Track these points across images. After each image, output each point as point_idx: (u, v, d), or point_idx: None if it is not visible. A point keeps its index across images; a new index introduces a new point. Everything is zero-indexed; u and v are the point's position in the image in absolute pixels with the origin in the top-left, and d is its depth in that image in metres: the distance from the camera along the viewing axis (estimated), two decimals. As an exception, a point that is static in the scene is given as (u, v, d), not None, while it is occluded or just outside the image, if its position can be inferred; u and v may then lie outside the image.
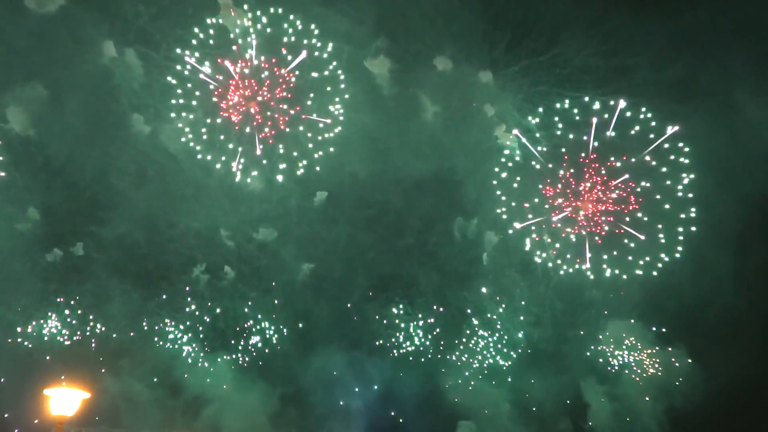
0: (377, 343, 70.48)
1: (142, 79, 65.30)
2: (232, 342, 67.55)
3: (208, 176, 67.01)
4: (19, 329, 61.15)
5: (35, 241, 62.50)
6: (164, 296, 66.12)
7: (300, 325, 69.39)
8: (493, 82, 68.18)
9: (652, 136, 62.41)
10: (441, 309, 71.33)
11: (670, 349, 65.54)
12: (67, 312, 63.02)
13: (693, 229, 60.74)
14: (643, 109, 62.12)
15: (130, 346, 63.94)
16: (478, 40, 67.10)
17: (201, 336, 66.43)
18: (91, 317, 63.48)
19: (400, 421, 68.12)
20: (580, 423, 68.96)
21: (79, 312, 63.31)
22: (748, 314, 59.61)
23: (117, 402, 58.76)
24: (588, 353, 69.36)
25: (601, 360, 68.82)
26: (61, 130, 63.18)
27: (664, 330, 65.68)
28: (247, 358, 67.53)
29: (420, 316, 70.90)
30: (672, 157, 61.98)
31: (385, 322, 70.77)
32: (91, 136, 64.01)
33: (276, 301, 69.23)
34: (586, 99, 64.24)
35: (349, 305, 71.14)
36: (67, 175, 64.04)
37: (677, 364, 65.21)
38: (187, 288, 66.92)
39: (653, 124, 62.05)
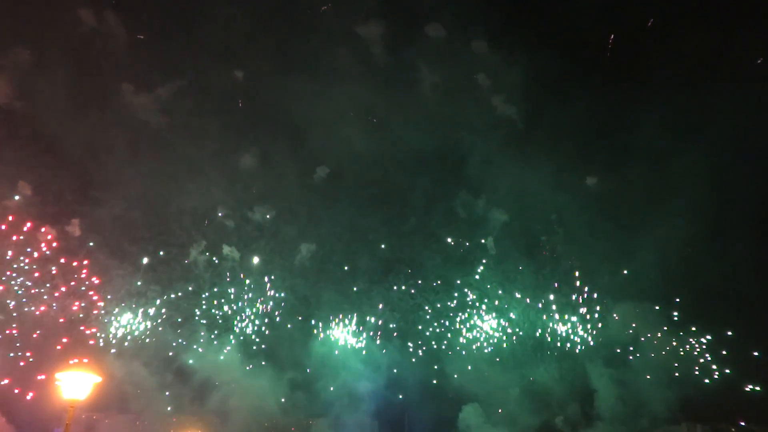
0: (382, 326, 68.46)
1: (128, 45, 62.76)
2: (238, 326, 65.33)
3: (203, 150, 64.66)
4: (15, 313, 57.84)
5: (28, 218, 59.22)
6: (165, 278, 63.65)
7: (305, 307, 67.19)
8: (489, 51, 66.46)
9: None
10: (445, 292, 69.30)
11: (682, 333, 63.80)
12: (59, 294, 59.65)
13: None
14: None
15: (134, 331, 61.17)
16: (474, 8, 65.01)
17: (205, 320, 64.00)
18: (93, 296, 60.27)
19: (406, 404, 66.22)
20: (587, 409, 67.40)
21: (78, 294, 60.11)
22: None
23: (124, 387, 56.10)
24: (597, 337, 67.62)
25: (610, 344, 66.95)
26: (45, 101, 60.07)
27: (678, 314, 63.95)
28: (254, 341, 65.24)
29: (425, 299, 68.84)
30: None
31: (389, 305, 68.71)
32: (78, 108, 61.09)
33: (275, 281, 66.73)
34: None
35: (353, 288, 68.94)
36: (56, 150, 61.06)
37: (691, 350, 63.47)
38: (188, 270, 64.46)
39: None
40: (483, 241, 69.32)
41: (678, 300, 63.67)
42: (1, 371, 54.71)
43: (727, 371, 61.53)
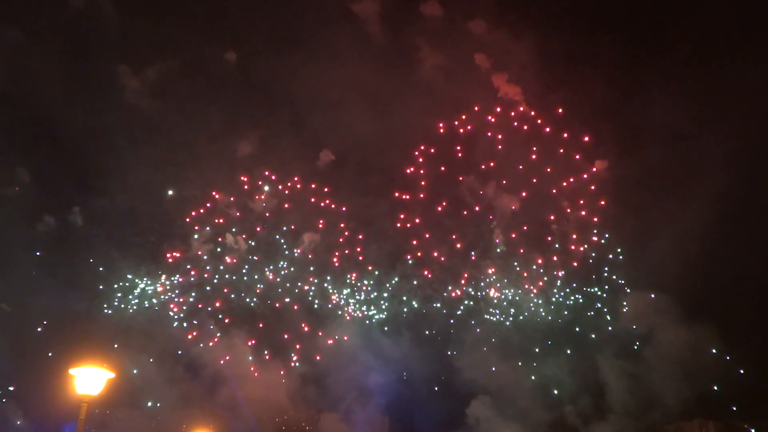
0: (390, 319, 66.93)
1: (121, 25, 61.14)
2: (247, 318, 63.92)
3: (201, 135, 62.90)
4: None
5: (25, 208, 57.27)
6: (171, 270, 62.12)
7: (312, 299, 65.25)
8: (488, 30, 65.12)
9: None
10: (453, 284, 67.68)
11: (697, 326, 61.93)
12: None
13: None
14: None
15: (140, 325, 59.31)
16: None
17: (214, 312, 62.48)
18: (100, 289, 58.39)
19: (417, 398, 64.72)
20: (598, 401, 66.03)
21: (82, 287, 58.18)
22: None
23: (133, 382, 54.44)
24: (608, 330, 66.12)
25: (623, 336, 65.34)
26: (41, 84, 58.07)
27: (692, 306, 61.96)
28: (262, 333, 63.54)
29: (434, 289, 67.23)
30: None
31: (396, 297, 67.09)
32: (74, 92, 59.28)
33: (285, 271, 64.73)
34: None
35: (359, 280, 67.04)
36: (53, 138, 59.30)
37: (705, 344, 61.63)
38: (192, 261, 62.91)
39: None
40: (491, 230, 68.04)
41: (695, 291, 62.13)
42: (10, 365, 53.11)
43: (744, 367, 60.35)
